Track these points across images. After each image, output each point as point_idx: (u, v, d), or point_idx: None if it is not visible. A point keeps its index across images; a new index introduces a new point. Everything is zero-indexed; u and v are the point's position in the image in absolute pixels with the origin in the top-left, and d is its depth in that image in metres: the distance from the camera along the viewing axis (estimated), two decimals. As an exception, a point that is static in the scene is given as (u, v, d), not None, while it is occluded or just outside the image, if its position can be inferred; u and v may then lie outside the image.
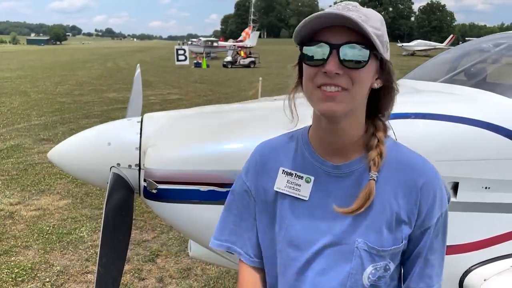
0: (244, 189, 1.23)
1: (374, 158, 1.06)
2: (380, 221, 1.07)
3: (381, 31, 1.01)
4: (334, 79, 0.98)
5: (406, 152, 1.13)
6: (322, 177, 1.11)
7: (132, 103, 2.60)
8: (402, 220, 1.08)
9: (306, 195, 1.12)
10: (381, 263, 1.09)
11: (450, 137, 1.85)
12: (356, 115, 1.07)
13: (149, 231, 4.70)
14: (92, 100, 14.34)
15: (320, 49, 0.99)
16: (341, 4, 1.02)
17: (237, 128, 1.95)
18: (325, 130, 1.08)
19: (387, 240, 1.08)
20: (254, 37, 48.03)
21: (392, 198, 1.08)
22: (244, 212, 1.23)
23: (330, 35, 0.99)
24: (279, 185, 1.15)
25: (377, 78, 1.06)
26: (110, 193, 1.80)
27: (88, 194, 5.72)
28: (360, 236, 1.07)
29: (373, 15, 1.02)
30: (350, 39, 0.98)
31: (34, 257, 4.12)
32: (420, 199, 1.08)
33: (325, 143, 1.11)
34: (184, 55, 29.78)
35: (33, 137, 8.89)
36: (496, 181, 1.87)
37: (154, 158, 1.83)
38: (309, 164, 1.13)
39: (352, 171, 1.09)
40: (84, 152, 2.02)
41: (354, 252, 1.07)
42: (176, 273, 3.88)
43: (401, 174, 1.09)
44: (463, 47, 3.52)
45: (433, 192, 1.09)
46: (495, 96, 2.07)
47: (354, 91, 1.00)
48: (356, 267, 1.08)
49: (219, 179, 1.78)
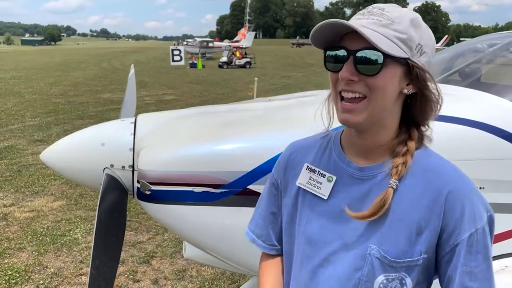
0: (272, 182, 1.26)
1: (398, 165, 1.02)
2: (398, 230, 1.02)
3: (408, 34, 0.97)
4: (351, 85, 0.98)
5: (436, 160, 1.08)
6: (346, 179, 1.09)
7: (126, 104, 2.58)
8: (422, 231, 1.01)
9: (325, 194, 1.11)
10: (393, 275, 1.03)
11: (443, 137, 1.85)
12: (384, 121, 1.04)
13: (144, 233, 4.68)
14: (86, 100, 14.28)
15: (340, 55, 0.99)
16: (369, 8, 1.01)
17: (231, 129, 1.94)
18: (354, 134, 1.08)
19: (402, 251, 1.02)
20: (249, 37, 48.07)
21: (415, 207, 1.02)
22: (270, 205, 1.26)
23: (350, 41, 0.98)
24: (302, 181, 1.16)
25: (408, 84, 1.01)
26: (103, 195, 1.78)
27: (82, 196, 5.69)
28: (374, 242, 1.03)
29: (400, 18, 0.98)
30: (367, 45, 0.95)
31: (27, 259, 4.09)
32: (445, 210, 1.00)
33: (354, 146, 1.10)
34: (180, 56, 29.74)
35: (27, 138, 8.84)
36: (491, 181, 1.87)
37: (147, 159, 1.82)
38: (335, 164, 1.12)
39: (374, 174, 1.06)
40: (77, 153, 2.00)
41: (366, 258, 1.04)
42: (171, 275, 3.86)
43: (427, 182, 1.03)
44: (457, 47, 3.53)
45: (461, 202, 1.00)
46: (489, 96, 2.07)
47: (372, 98, 0.98)
48: (367, 274, 1.04)
49: (213, 180, 1.77)
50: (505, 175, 1.88)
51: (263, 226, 1.27)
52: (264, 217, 1.27)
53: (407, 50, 0.97)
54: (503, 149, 1.86)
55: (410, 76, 1.00)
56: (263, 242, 1.28)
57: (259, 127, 1.95)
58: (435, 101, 1.04)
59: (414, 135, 1.06)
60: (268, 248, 1.28)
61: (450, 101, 2.09)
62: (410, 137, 1.06)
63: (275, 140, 1.81)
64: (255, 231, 1.29)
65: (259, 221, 1.28)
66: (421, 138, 1.08)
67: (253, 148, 1.82)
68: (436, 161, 1.07)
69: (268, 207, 1.26)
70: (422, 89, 1.01)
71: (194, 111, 2.30)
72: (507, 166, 1.87)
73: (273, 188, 1.25)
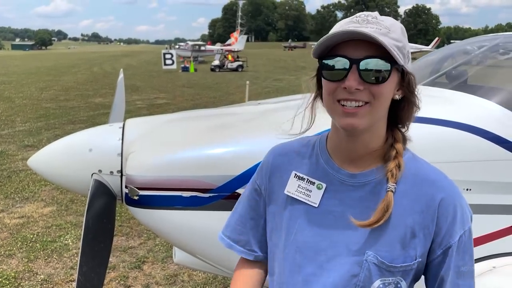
0: (254, 188, 1.23)
1: (392, 169, 1.03)
2: (393, 236, 1.03)
3: (403, 42, 0.99)
4: (354, 94, 0.97)
5: (425, 166, 1.10)
6: (336, 185, 1.09)
7: (114, 109, 2.58)
8: (415, 236, 1.04)
9: (316, 202, 1.09)
10: (390, 279, 1.05)
11: (430, 139, 1.86)
12: (377, 127, 1.05)
13: (135, 238, 4.65)
14: (77, 105, 14.20)
15: (340, 64, 0.97)
16: (360, 16, 1.01)
17: (219, 133, 1.94)
18: (343, 140, 1.07)
19: (398, 256, 1.04)
20: (241, 40, 48.12)
21: (408, 212, 1.04)
22: (250, 210, 1.23)
23: (349, 49, 0.97)
24: (290, 189, 1.14)
25: (398, 90, 1.03)
26: (91, 200, 1.78)
27: (73, 201, 5.65)
28: (370, 248, 1.04)
29: (394, 26, 1.00)
30: (370, 53, 0.95)
31: (17, 266, 4.04)
32: (438, 215, 1.03)
33: (343, 152, 1.09)
34: (172, 59, 29.67)
35: (17, 143, 8.76)
36: (478, 183, 1.88)
37: (135, 164, 1.82)
38: (323, 171, 1.11)
39: (367, 181, 1.06)
40: (65, 158, 1.99)
41: (363, 264, 1.04)
42: (163, 280, 3.84)
43: (419, 188, 1.05)
44: (445, 49, 3.56)
45: (453, 208, 1.04)
46: (475, 99, 2.09)
47: (375, 105, 0.98)
48: (364, 279, 1.04)
49: (201, 185, 1.77)
50: (491, 176, 1.89)
51: (243, 232, 1.24)
52: (244, 223, 1.24)
53: (402, 58, 0.98)
54: (489, 151, 1.87)
55: (402, 82, 1.02)
56: (242, 247, 1.25)
57: (248, 131, 1.95)
58: (418, 105, 1.07)
59: (399, 137, 1.09)
60: (247, 253, 1.25)
61: (436, 103, 2.12)
62: (396, 140, 1.08)
63: (263, 144, 1.80)
64: (231, 237, 1.26)
65: (237, 227, 1.25)
66: (405, 140, 1.11)
67: (241, 152, 1.82)
68: (424, 166, 1.10)
69: (248, 212, 1.24)
70: (411, 94, 1.05)
71: (183, 115, 2.30)
72: (493, 168, 1.89)
73: (255, 194, 1.23)
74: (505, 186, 1.91)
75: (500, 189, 1.91)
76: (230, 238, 1.26)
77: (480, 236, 1.92)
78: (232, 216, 1.28)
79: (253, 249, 1.25)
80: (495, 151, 1.88)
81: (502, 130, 1.89)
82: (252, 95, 11.91)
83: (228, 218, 1.29)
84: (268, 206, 1.20)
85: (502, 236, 1.93)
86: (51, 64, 38.45)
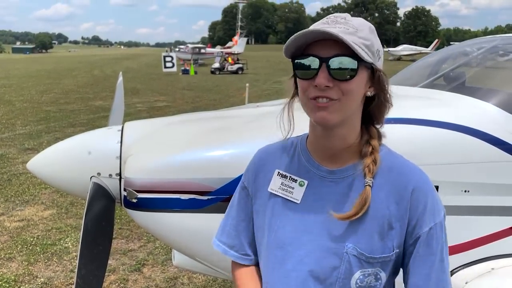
0: (242, 187, 1.26)
1: (369, 165, 1.08)
2: (371, 227, 1.08)
3: (371, 40, 1.04)
4: (325, 91, 1.01)
5: (399, 159, 1.15)
6: (316, 182, 1.13)
7: (113, 112, 2.58)
8: (392, 227, 1.08)
9: (298, 198, 1.14)
10: (369, 270, 1.08)
11: (429, 141, 1.87)
12: (351, 122, 1.09)
13: (135, 240, 4.65)
14: (78, 108, 14.21)
15: (310, 63, 1.02)
16: (331, 17, 1.06)
17: (217, 135, 1.94)
18: (320, 136, 1.11)
19: (377, 247, 1.08)
20: (241, 43, 48.15)
21: (384, 204, 1.08)
22: (241, 212, 1.26)
23: (319, 49, 1.02)
24: (273, 187, 1.18)
25: (370, 86, 1.08)
26: (90, 203, 1.78)
27: (73, 204, 5.65)
28: (350, 241, 1.07)
29: (362, 26, 1.04)
30: (338, 52, 1.00)
31: (17, 269, 4.04)
32: (410, 205, 1.08)
33: (321, 149, 1.14)
34: (172, 62, 29.70)
35: (17, 146, 8.77)
36: (475, 184, 1.89)
37: (134, 167, 1.82)
38: (305, 169, 1.15)
39: (346, 176, 1.11)
40: (64, 161, 2.00)
41: (343, 256, 1.07)
42: (163, 283, 3.84)
43: (393, 180, 1.10)
44: (443, 51, 3.57)
45: (423, 198, 1.08)
46: (473, 101, 2.10)
47: (344, 101, 1.03)
48: (345, 271, 1.08)
49: (199, 187, 1.77)
50: (490, 178, 1.90)
51: (235, 236, 1.26)
52: (236, 226, 1.27)
53: (371, 55, 1.04)
54: (487, 153, 1.88)
55: (373, 79, 1.07)
56: (236, 252, 1.26)
57: (246, 134, 1.96)
58: (390, 102, 1.12)
59: (374, 134, 1.14)
60: (242, 258, 1.26)
61: (434, 105, 2.13)
62: (371, 136, 1.13)
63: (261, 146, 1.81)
64: (226, 242, 1.27)
65: (231, 231, 1.27)
66: (380, 136, 1.15)
67: (239, 154, 1.82)
68: (399, 160, 1.14)
69: (239, 215, 1.26)
70: (382, 91, 1.09)
71: (181, 118, 2.31)
72: (491, 170, 1.90)
73: (244, 195, 1.26)
74: (503, 187, 1.91)
75: (498, 190, 1.91)
76: (225, 244, 1.27)
77: (478, 238, 1.92)
78: (225, 220, 1.30)
79: (247, 253, 1.26)
80: (492, 153, 1.88)
81: (499, 132, 1.89)
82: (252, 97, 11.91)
83: (221, 222, 1.30)
84: (253, 206, 1.23)
85: (500, 237, 1.94)
86: (52, 67, 38.49)
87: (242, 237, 1.26)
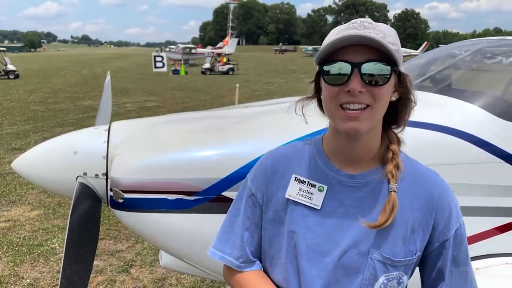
0: (248, 196, 1.19)
1: (391, 170, 1.08)
2: (395, 232, 1.08)
3: (397, 45, 1.04)
4: (357, 97, 1.00)
5: (419, 165, 1.16)
6: (336, 187, 1.11)
7: (101, 111, 2.57)
8: (415, 232, 1.09)
9: (318, 204, 1.11)
10: (394, 273, 1.09)
11: (415, 143, 1.88)
12: (376, 129, 1.09)
13: (123, 241, 4.62)
14: (66, 108, 14.08)
15: (342, 68, 1.00)
16: (356, 22, 1.04)
17: (205, 136, 1.94)
18: (343, 142, 1.10)
19: (400, 251, 1.08)
20: (232, 44, 48.12)
21: (408, 209, 1.09)
22: (246, 220, 1.19)
23: (349, 54, 1.00)
24: (291, 193, 1.14)
25: (395, 91, 1.07)
26: (76, 203, 1.77)
27: (60, 205, 5.59)
28: (374, 246, 1.07)
29: (388, 30, 1.04)
30: (371, 57, 0.99)
31: (3, 270, 3.99)
32: (436, 211, 1.10)
33: (342, 154, 1.12)
34: (162, 62, 29.61)
35: (4, 146, 8.66)
36: (462, 185, 1.90)
37: (120, 167, 1.81)
38: (322, 173, 1.13)
39: (367, 181, 1.10)
40: (50, 161, 1.97)
41: (368, 262, 1.07)
42: (151, 284, 3.82)
43: (416, 186, 1.11)
44: (431, 53, 3.60)
45: (448, 203, 1.11)
46: (459, 102, 2.11)
47: (376, 107, 1.02)
48: (369, 277, 1.08)
49: (186, 187, 1.76)
50: (475, 179, 1.91)
51: (240, 246, 1.20)
52: (241, 236, 1.20)
53: (399, 60, 1.03)
54: (472, 154, 1.89)
55: (399, 84, 1.07)
56: (242, 263, 1.20)
57: (234, 134, 1.95)
58: (415, 102, 1.12)
59: (393, 138, 1.13)
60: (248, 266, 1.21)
61: (420, 107, 2.13)
62: (391, 141, 1.13)
63: (249, 147, 1.81)
64: (232, 253, 1.20)
65: (237, 241, 1.20)
66: (399, 141, 1.15)
67: (227, 154, 1.82)
68: (419, 166, 1.16)
69: (244, 223, 1.20)
70: (408, 94, 1.09)
71: (168, 118, 2.30)
72: (476, 171, 1.91)
73: (250, 202, 1.19)
74: (489, 188, 1.93)
75: (483, 191, 1.93)
76: (232, 255, 1.20)
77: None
78: (229, 229, 1.22)
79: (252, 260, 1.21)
80: (478, 154, 1.90)
81: (485, 134, 1.91)
82: (243, 98, 11.91)
83: (221, 232, 1.23)
84: (265, 214, 1.18)
85: (485, 238, 1.95)
86: (40, 67, 38.08)
87: (246, 247, 1.20)
